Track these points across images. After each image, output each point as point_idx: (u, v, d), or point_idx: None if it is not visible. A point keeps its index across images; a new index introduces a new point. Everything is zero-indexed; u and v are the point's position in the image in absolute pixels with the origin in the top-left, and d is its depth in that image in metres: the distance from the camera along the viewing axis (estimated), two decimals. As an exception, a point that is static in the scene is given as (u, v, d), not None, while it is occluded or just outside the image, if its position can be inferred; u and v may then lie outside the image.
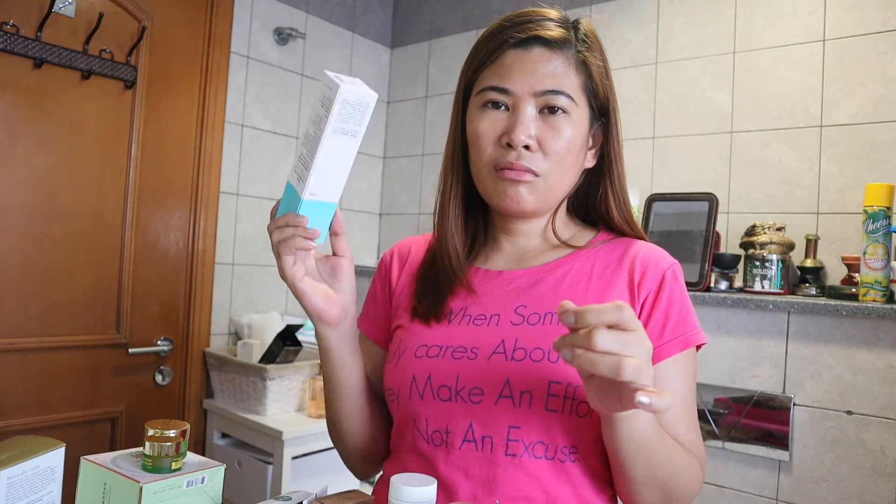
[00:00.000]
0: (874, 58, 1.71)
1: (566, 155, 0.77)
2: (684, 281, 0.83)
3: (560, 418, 0.72)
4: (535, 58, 0.77)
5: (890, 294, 1.53)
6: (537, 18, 0.78)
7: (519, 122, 0.76)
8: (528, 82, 0.76)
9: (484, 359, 0.75)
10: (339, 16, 2.55)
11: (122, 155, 1.94)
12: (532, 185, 0.77)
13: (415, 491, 0.62)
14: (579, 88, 0.78)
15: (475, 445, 0.73)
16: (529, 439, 0.72)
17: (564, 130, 0.77)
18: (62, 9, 1.77)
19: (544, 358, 0.73)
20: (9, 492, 0.65)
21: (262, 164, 2.30)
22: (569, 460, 0.73)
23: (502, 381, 0.73)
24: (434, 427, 0.76)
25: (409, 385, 0.77)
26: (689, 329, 0.77)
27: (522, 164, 0.76)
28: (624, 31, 2.15)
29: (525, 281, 0.82)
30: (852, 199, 1.72)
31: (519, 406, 0.72)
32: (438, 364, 0.77)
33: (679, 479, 0.70)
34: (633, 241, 0.84)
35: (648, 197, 1.92)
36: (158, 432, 0.66)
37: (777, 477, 1.68)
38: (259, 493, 1.89)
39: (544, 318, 0.77)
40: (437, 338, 0.80)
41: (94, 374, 1.89)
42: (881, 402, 1.55)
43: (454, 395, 0.75)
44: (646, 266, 0.79)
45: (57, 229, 1.80)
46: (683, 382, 0.76)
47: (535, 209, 0.80)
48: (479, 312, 0.80)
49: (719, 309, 1.78)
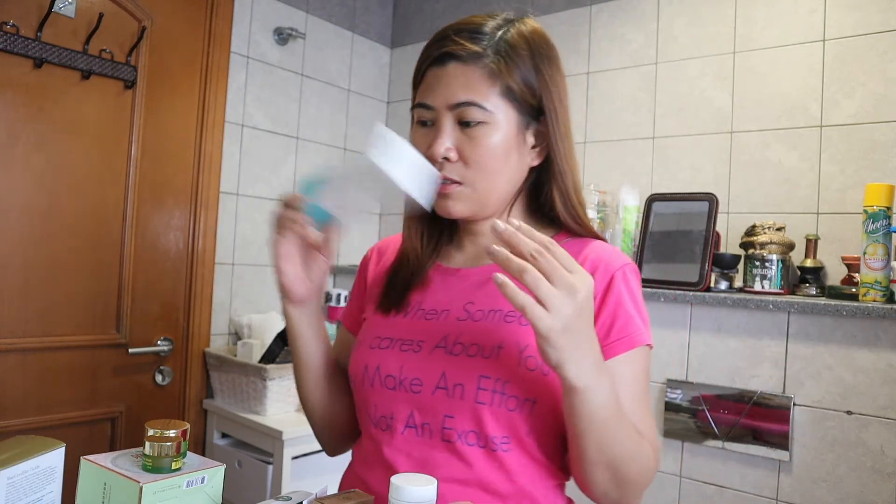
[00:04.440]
0: (874, 58, 1.71)
1: (488, 162, 0.81)
2: (639, 281, 0.86)
3: (490, 410, 0.76)
4: (449, 73, 0.81)
5: (890, 294, 1.53)
6: (453, 34, 0.83)
7: (436, 137, 0.81)
8: (444, 97, 0.81)
9: (427, 352, 0.81)
10: (339, 16, 2.55)
11: (122, 155, 1.94)
12: (458, 193, 0.82)
13: (415, 491, 0.62)
14: (498, 96, 0.80)
15: (415, 431, 0.80)
16: (462, 428, 0.77)
17: (482, 139, 0.80)
18: (62, 9, 1.77)
19: (478, 354, 0.78)
20: (9, 492, 0.65)
21: (262, 164, 2.30)
22: (501, 450, 0.77)
23: (439, 373, 0.79)
24: (381, 413, 0.83)
25: (363, 373, 0.85)
26: (634, 330, 0.80)
27: (445, 174, 0.81)
28: (624, 31, 2.15)
29: (477, 279, 0.86)
30: (852, 199, 1.72)
31: (452, 397, 0.78)
32: (387, 355, 0.83)
33: (630, 463, 0.73)
34: (588, 242, 0.87)
35: (648, 197, 1.92)
36: (158, 432, 0.66)
37: (777, 477, 1.68)
38: (259, 493, 1.89)
39: (488, 314, 0.81)
40: (391, 330, 0.86)
41: (93, 374, 1.89)
42: (881, 402, 1.55)
43: (398, 385, 0.81)
44: (595, 268, 0.82)
45: (57, 229, 1.80)
46: (633, 379, 0.79)
47: (469, 215, 0.85)
48: (431, 307, 0.86)
49: (719, 309, 1.78)
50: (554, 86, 0.84)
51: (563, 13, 2.29)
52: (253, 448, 1.99)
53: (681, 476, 1.82)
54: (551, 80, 0.84)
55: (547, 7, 2.33)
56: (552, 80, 0.84)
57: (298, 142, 2.42)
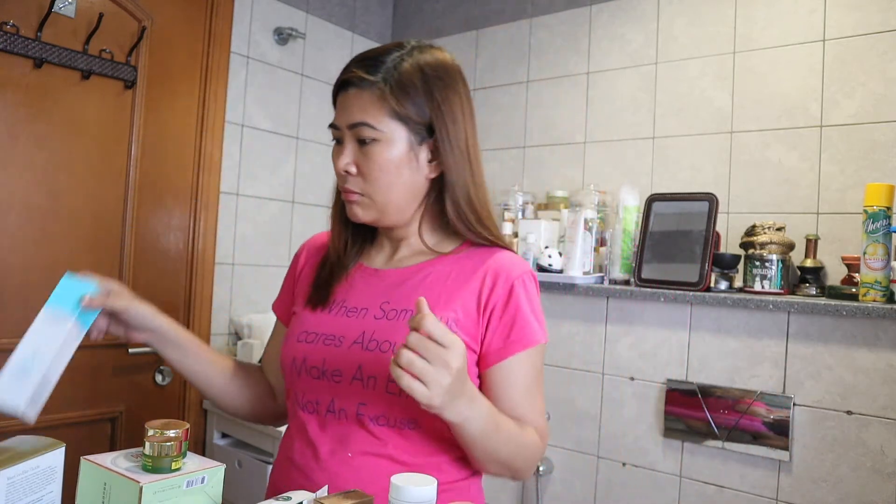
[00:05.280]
0: (874, 58, 1.71)
1: (382, 175, 0.91)
2: (537, 286, 0.97)
3: (399, 400, 0.87)
4: (349, 97, 0.92)
5: (890, 294, 1.53)
6: (353, 65, 0.93)
7: (339, 154, 0.93)
8: (344, 118, 0.92)
9: (346, 347, 0.91)
10: (339, 16, 2.55)
11: (122, 155, 1.94)
12: (361, 203, 0.94)
13: (415, 491, 0.62)
14: (388, 117, 0.90)
15: (334, 415, 0.91)
16: (373, 413, 0.89)
17: (375, 155, 0.91)
18: (62, 9, 1.77)
19: (390, 350, 0.88)
20: (9, 492, 0.65)
21: (262, 164, 2.30)
22: (408, 428, 0.89)
23: (356, 366, 0.90)
24: (307, 399, 0.94)
25: (291, 364, 0.95)
26: (531, 332, 0.92)
27: (347, 187, 0.94)
28: (624, 31, 2.15)
29: (394, 280, 0.97)
30: (852, 199, 1.72)
31: (366, 388, 0.89)
32: (312, 349, 0.94)
33: (517, 458, 0.88)
34: (492, 251, 0.97)
35: (648, 197, 1.92)
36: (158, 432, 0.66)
37: (777, 477, 1.68)
38: (259, 493, 1.88)
39: (400, 314, 0.92)
40: (316, 325, 0.96)
41: (93, 374, 1.89)
42: (881, 402, 1.55)
43: (321, 375, 0.92)
44: (496, 277, 0.93)
45: (57, 229, 1.80)
46: (525, 375, 0.92)
47: (372, 220, 0.95)
48: (353, 305, 0.96)
49: (719, 309, 1.78)
50: (446, 105, 0.93)
51: (563, 13, 2.29)
52: (253, 448, 1.99)
53: (681, 476, 1.82)
54: (443, 101, 0.92)
55: (547, 7, 2.33)
56: (444, 100, 0.93)
57: (298, 142, 2.42)
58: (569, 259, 1.94)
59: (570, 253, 1.94)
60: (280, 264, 2.35)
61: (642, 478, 1.89)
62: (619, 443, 1.94)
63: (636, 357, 1.93)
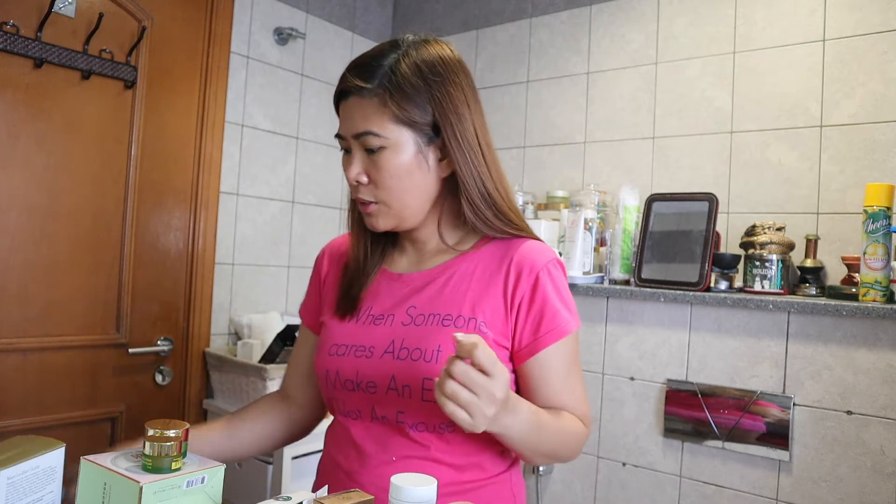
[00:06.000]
0: (874, 58, 1.71)
1: (395, 182, 0.90)
2: (563, 273, 0.95)
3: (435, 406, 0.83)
4: (350, 106, 0.91)
5: (890, 294, 1.53)
6: (348, 71, 0.91)
7: (349, 164, 0.92)
8: (348, 128, 0.91)
9: (377, 357, 0.91)
10: (339, 16, 2.55)
11: (122, 155, 1.94)
12: (377, 211, 0.92)
13: (415, 491, 0.62)
14: (391, 122, 0.88)
15: (378, 420, 0.92)
16: (413, 421, 0.89)
17: (384, 163, 0.89)
18: (62, 9, 1.77)
19: (421, 358, 0.88)
20: (9, 492, 0.65)
21: (262, 164, 2.30)
22: (447, 431, 0.89)
23: (389, 376, 0.89)
24: (348, 408, 0.94)
25: (325, 377, 0.95)
26: (561, 322, 0.90)
27: (361, 197, 0.92)
28: (624, 31, 2.15)
29: (418, 284, 0.95)
30: (852, 199, 1.71)
31: (402, 397, 0.88)
32: (343, 362, 0.93)
33: (562, 449, 0.90)
34: (515, 243, 0.95)
35: (648, 197, 1.92)
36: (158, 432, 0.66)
37: (777, 477, 1.68)
38: (259, 493, 1.89)
39: (428, 319, 0.91)
40: (345, 337, 0.95)
41: (94, 374, 1.89)
42: (881, 402, 1.55)
43: (356, 387, 0.92)
44: (520, 270, 0.92)
45: (57, 229, 1.80)
46: (561, 364, 0.91)
47: (391, 227, 0.94)
48: (379, 312, 0.95)
49: (719, 309, 1.78)
50: (448, 102, 0.90)
51: (563, 13, 2.29)
52: (253, 448, 1.98)
53: (681, 476, 1.82)
54: (444, 98, 0.90)
55: (547, 7, 2.33)
56: (446, 97, 0.90)
57: (298, 142, 2.42)
58: (569, 259, 1.94)
59: (570, 253, 1.94)
60: (280, 264, 2.35)
61: (642, 478, 1.89)
62: (619, 443, 1.94)
63: (636, 357, 1.93)
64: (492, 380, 0.71)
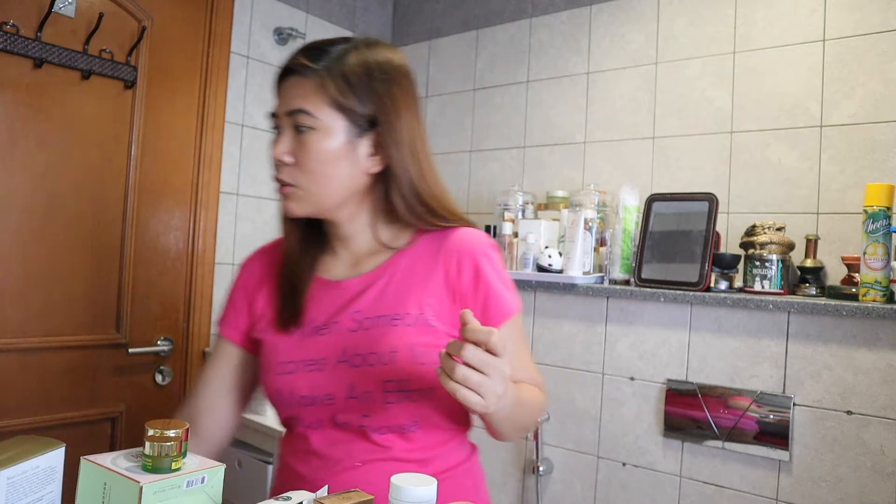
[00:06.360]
0: (874, 58, 1.71)
1: (319, 167, 0.88)
2: (500, 254, 0.97)
3: (397, 407, 0.87)
4: (289, 85, 0.90)
5: (890, 294, 1.53)
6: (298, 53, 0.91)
7: (276, 141, 0.90)
8: (283, 105, 0.90)
9: (331, 368, 0.89)
10: (339, 16, 2.55)
11: (122, 155, 1.94)
12: (294, 195, 0.91)
13: (415, 491, 0.62)
14: (328, 106, 0.88)
15: (339, 427, 0.90)
16: (376, 425, 0.89)
17: (311, 145, 0.88)
18: (62, 9, 1.77)
19: (378, 362, 0.87)
20: (9, 492, 0.65)
21: (262, 164, 2.30)
22: (410, 430, 0.89)
23: (347, 385, 0.88)
24: (307, 421, 0.92)
25: (277, 397, 0.93)
26: (506, 304, 0.93)
27: (281, 177, 0.91)
28: (624, 31, 2.15)
29: (359, 287, 0.93)
30: (852, 199, 1.71)
31: (364, 403, 0.88)
32: (295, 380, 0.91)
33: (532, 418, 0.93)
34: (449, 232, 0.95)
35: (648, 197, 1.92)
36: (158, 432, 0.66)
37: (777, 477, 1.68)
38: (259, 493, 1.88)
39: (376, 321, 0.89)
40: (291, 352, 0.92)
41: (94, 374, 1.89)
42: (881, 402, 1.55)
43: (312, 402, 0.90)
44: (460, 258, 0.92)
45: (57, 229, 1.80)
46: (513, 344, 0.92)
47: (307, 214, 0.93)
48: (322, 321, 0.92)
49: (719, 309, 1.78)
50: (389, 99, 0.90)
51: (563, 13, 2.29)
52: (253, 448, 1.99)
53: (681, 476, 1.82)
54: (386, 94, 0.90)
55: (547, 7, 2.33)
56: (388, 94, 0.90)
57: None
58: (569, 259, 1.94)
59: (570, 253, 1.94)
60: (280, 264, 2.35)
61: (642, 478, 1.89)
62: (619, 443, 1.94)
63: (636, 357, 1.93)
64: (501, 359, 0.72)
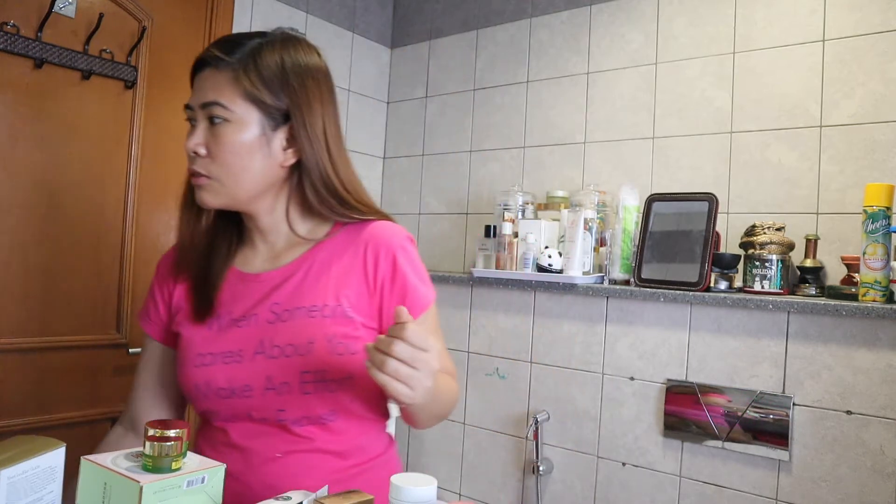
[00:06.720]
0: (874, 58, 1.71)
1: (232, 158, 0.89)
2: (415, 246, 0.99)
3: (315, 397, 0.89)
4: (204, 77, 0.92)
5: (890, 294, 1.53)
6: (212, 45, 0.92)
7: (190, 133, 0.90)
8: (198, 97, 0.91)
9: (248, 360, 0.90)
10: (339, 16, 2.55)
11: (122, 155, 1.94)
12: (208, 186, 0.91)
13: (415, 491, 0.62)
14: (241, 98, 0.88)
15: (256, 422, 0.91)
16: (295, 416, 0.89)
17: (224, 136, 0.88)
18: (62, 9, 1.77)
19: (294, 353, 0.88)
20: (9, 492, 0.65)
21: (262, 164, 2.30)
22: (328, 420, 0.90)
23: (264, 377, 0.89)
24: (225, 415, 0.92)
25: (195, 391, 0.93)
26: (422, 296, 0.95)
27: (195, 168, 0.91)
28: (624, 31, 2.15)
29: (277, 279, 0.94)
30: (852, 199, 1.72)
31: (281, 394, 0.89)
32: (212, 372, 0.91)
33: (448, 407, 0.95)
34: (366, 225, 0.97)
35: (648, 197, 1.92)
36: (158, 432, 0.66)
37: (777, 477, 1.68)
38: (259, 493, 1.88)
39: (294, 312, 0.90)
40: (209, 344, 0.93)
41: (94, 374, 1.89)
42: (881, 402, 1.55)
43: (230, 394, 0.90)
44: (377, 251, 0.94)
45: (57, 229, 1.80)
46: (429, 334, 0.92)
47: (222, 205, 0.92)
48: (240, 313, 0.93)
49: (719, 309, 1.78)
50: (303, 93, 0.91)
51: (563, 13, 2.29)
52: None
53: (681, 476, 1.82)
54: (300, 88, 0.91)
55: (547, 7, 2.33)
56: (301, 87, 0.91)
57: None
58: (569, 259, 1.94)
59: (570, 253, 1.94)
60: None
61: (642, 478, 1.89)
62: (619, 442, 1.94)
63: (636, 357, 1.93)
64: (428, 353, 0.74)
